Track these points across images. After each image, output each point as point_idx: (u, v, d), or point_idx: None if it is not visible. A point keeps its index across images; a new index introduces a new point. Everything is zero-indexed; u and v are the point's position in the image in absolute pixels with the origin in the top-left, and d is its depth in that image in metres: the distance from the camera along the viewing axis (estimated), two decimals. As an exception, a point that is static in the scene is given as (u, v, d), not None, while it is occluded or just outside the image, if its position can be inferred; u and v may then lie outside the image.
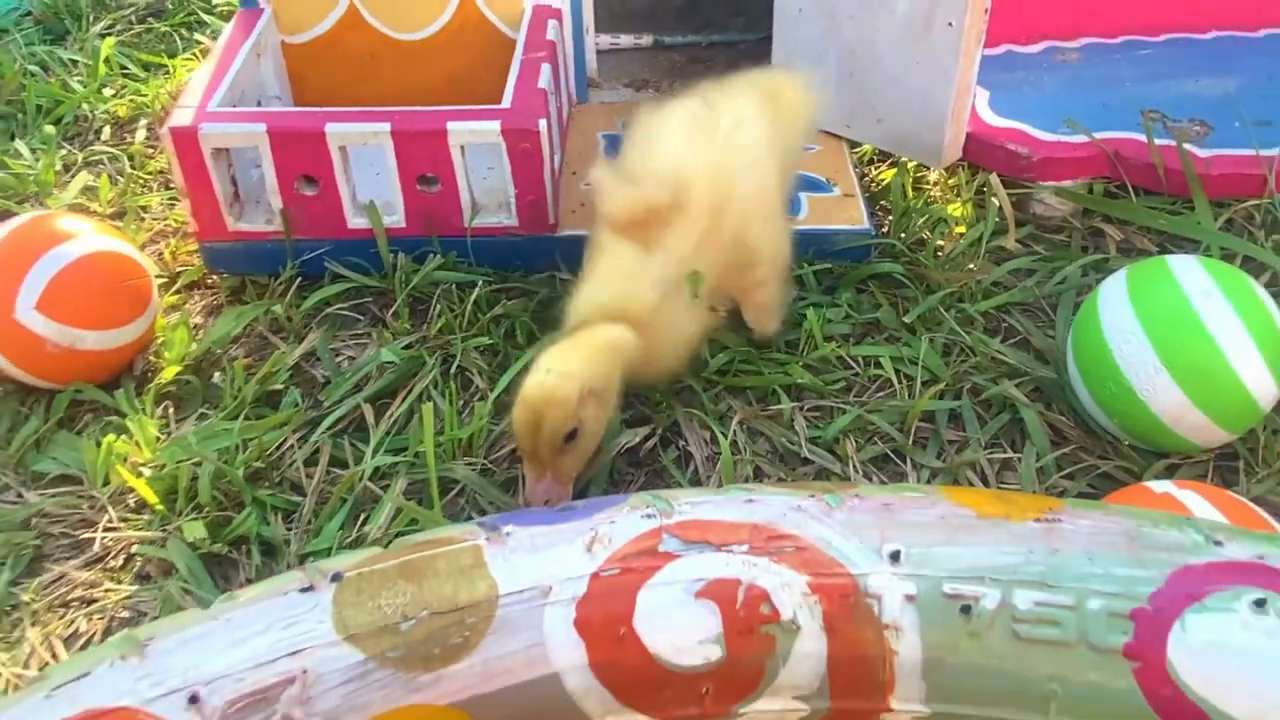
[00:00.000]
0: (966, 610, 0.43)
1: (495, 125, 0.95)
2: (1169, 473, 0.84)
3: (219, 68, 1.04)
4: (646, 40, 1.27)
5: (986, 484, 0.85)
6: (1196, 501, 0.69)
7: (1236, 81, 1.10)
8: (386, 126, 0.96)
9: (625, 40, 1.27)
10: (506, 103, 0.99)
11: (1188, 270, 0.80)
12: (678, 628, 0.44)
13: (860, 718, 0.45)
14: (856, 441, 0.87)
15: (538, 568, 0.44)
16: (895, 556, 0.44)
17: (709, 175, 0.83)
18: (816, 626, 0.44)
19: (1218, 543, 0.44)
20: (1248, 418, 0.80)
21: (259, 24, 1.11)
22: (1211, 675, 0.42)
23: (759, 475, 0.86)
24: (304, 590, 0.43)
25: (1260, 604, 0.42)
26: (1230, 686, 0.42)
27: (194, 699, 0.40)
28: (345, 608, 0.43)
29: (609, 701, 0.44)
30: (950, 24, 0.97)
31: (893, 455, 0.87)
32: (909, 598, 0.44)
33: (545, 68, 1.03)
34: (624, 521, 0.46)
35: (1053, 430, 0.88)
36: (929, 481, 0.85)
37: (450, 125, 0.96)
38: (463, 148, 0.97)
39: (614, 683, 0.44)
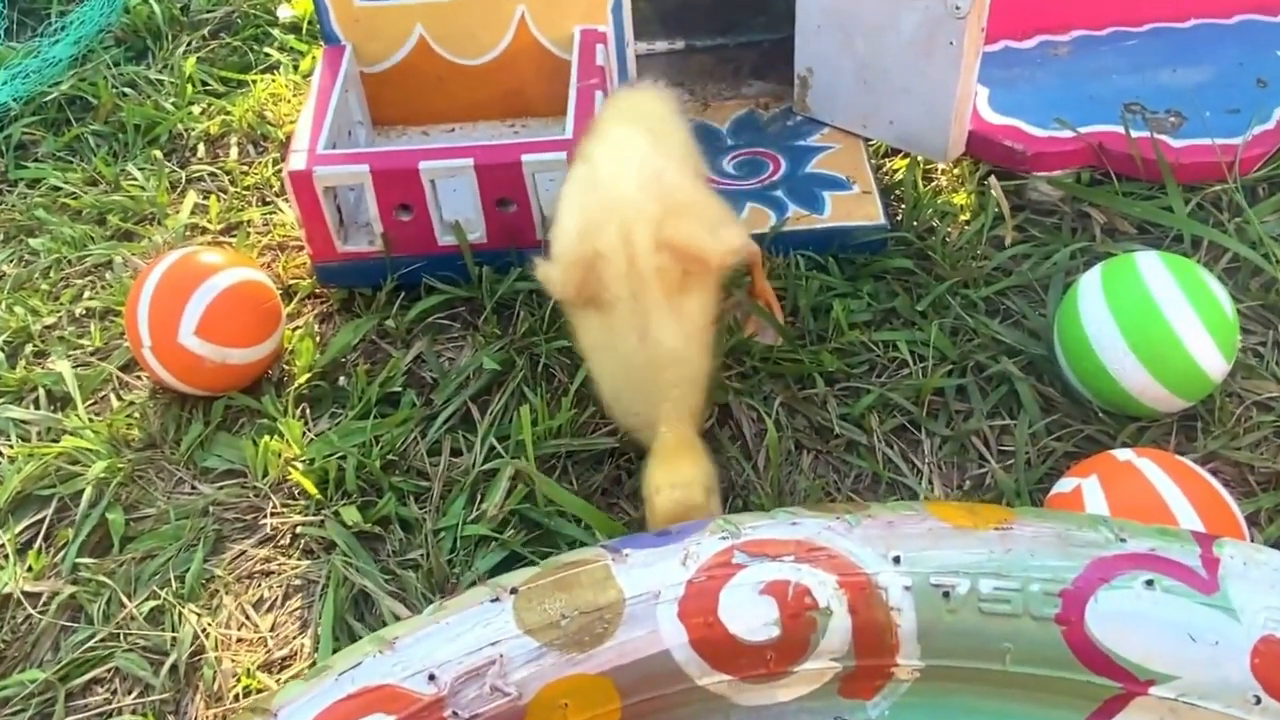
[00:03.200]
0: (946, 595, 0.63)
1: (562, 155, 1.12)
2: (1139, 434, 1.01)
3: (318, 110, 1.20)
4: (679, 45, 1.41)
5: (989, 448, 1.03)
6: (1149, 467, 0.86)
7: (1211, 70, 1.23)
8: (470, 161, 1.12)
9: (660, 45, 1.41)
10: (568, 133, 1.14)
11: (1151, 267, 0.96)
12: (748, 615, 0.64)
13: (875, 672, 0.65)
14: (879, 416, 1.05)
15: (649, 578, 0.64)
16: (897, 560, 0.63)
17: (604, 216, 0.87)
18: (844, 610, 0.63)
19: (1122, 539, 0.62)
20: (1202, 389, 0.97)
21: (343, 61, 1.27)
22: (1116, 632, 0.61)
23: (798, 448, 1.05)
24: (493, 600, 0.63)
25: (1150, 583, 0.60)
26: (1129, 639, 0.61)
27: (432, 677, 0.60)
28: (522, 611, 0.63)
29: (704, 667, 0.64)
30: (950, 43, 1.11)
31: (909, 426, 1.05)
32: (906, 588, 0.63)
33: (598, 95, 1.19)
34: (707, 542, 0.65)
35: (1043, 400, 1.05)
36: (941, 447, 1.04)
37: (524, 157, 1.12)
38: (534, 175, 1.14)
39: (706, 654, 0.64)
